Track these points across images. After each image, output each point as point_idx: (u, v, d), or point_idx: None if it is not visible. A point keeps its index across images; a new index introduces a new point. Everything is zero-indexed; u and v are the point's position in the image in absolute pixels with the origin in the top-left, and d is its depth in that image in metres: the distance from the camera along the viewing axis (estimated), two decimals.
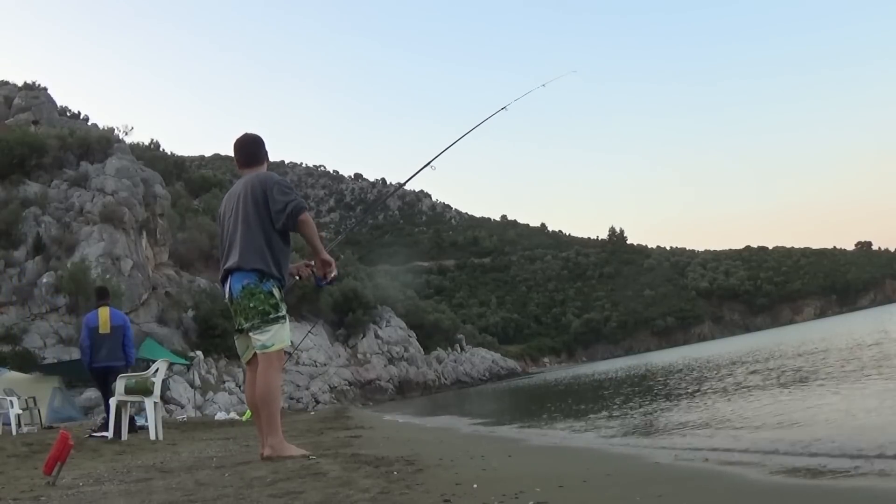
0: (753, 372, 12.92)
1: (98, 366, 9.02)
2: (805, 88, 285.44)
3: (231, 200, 4.31)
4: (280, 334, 4.02)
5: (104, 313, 9.07)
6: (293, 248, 4.28)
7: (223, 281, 4.18)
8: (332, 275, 4.25)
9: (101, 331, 8.98)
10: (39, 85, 50.38)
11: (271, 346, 3.98)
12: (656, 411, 8.87)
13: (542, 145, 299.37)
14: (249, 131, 4.56)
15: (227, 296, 4.17)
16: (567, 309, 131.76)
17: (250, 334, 4.03)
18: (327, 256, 4.24)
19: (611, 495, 2.87)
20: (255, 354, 4.10)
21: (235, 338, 4.22)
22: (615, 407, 10.71)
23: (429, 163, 6.73)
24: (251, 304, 3.98)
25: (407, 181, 7.47)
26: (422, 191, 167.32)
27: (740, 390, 9.68)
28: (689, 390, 11.38)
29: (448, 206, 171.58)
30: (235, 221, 4.16)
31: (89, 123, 55.16)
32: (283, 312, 4.05)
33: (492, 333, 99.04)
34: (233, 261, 4.06)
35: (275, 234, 4.09)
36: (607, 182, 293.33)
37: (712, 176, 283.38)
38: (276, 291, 4.04)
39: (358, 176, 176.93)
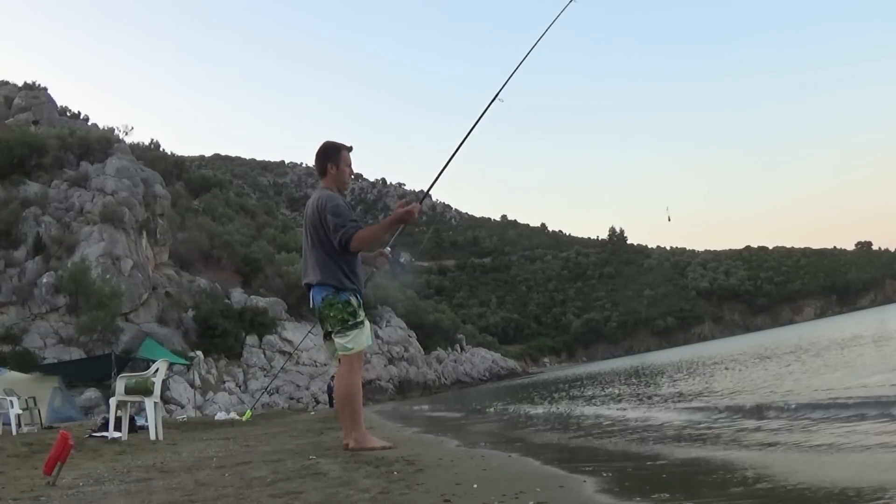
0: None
1: None
2: (805, 88, 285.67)
3: (305, 214, 4.67)
4: (359, 338, 4.36)
5: None
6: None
7: (307, 291, 4.55)
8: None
9: None
10: (39, 85, 50.41)
11: (351, 348, 4.33)
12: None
13: (542, 145, 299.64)
14: (327, 140, 4.73)
15: (311, 305, 4.56)
16: (567, 309, 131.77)
17: (333, 338, 4.40)
18: (395, 217, 4.45)
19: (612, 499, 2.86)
20: None
21: (324, 341, 4.62)
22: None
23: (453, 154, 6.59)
24: (331, 314, 4.35)
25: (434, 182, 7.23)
26: (422, 191, 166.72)
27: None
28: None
29: (448, 206, 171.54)
30: (306, 238, 4.56)
31: (89, 123, 55.14)
32: (361, 318, 4.39)
33: (492, 333, 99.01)
34: (309, 278, 4.46)
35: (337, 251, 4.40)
36: (608, 182, 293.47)
37: (713, 176, 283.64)
38: (352, 300, 4.37)
39: (358, 176, 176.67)
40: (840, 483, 2.46)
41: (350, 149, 4.67)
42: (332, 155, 4.61)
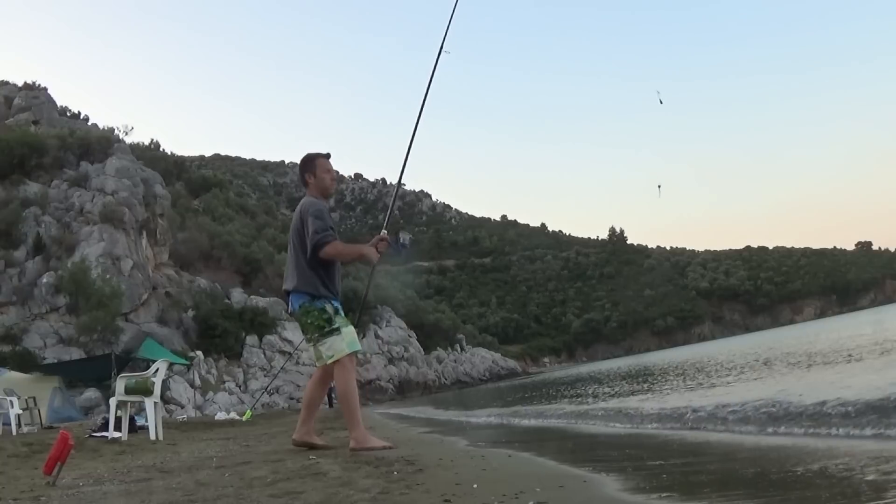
0: None
1: None
2: (806, 87, 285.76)
3: (292, 222, 4.75)
4: (337, 344, 4.40)
5: None
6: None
7: (286, 297, 4.67)
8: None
9: None
10: (39, 85, 50.45)
11: (331, 356, 4.41)
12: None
13: (542, 145, 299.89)
14: (308, 152, 4.86)
15: (289, 311, 4.71)
16: (567, 309, 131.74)
17: (316, 346, 4.49)
18: (366, 251, 4.69)
19: (613, 496, 2.86)
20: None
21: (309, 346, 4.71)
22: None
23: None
24: (308, 321, 4.46)
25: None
26: (422, 191, 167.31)
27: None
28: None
29: (448, 206, 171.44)
30: (290, 245, 4.66)
31: (89, 123, 55.19)
32: (337, 325, 4.44)
33: (492, 333, 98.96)
34: (288, 284, 4.58)
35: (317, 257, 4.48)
36: (608, 182, 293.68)
37: (713, 176, 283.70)
38: (328, 307, 4.46)
39: (358, 176, 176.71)
40: None
41: (327, 156, 4.82)
42: (308, 165, 4.78)
